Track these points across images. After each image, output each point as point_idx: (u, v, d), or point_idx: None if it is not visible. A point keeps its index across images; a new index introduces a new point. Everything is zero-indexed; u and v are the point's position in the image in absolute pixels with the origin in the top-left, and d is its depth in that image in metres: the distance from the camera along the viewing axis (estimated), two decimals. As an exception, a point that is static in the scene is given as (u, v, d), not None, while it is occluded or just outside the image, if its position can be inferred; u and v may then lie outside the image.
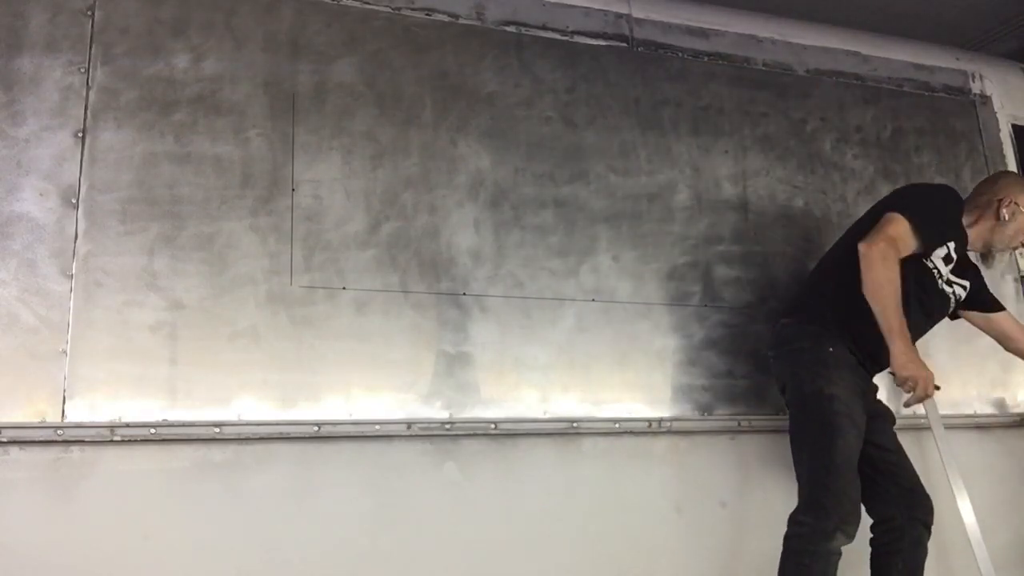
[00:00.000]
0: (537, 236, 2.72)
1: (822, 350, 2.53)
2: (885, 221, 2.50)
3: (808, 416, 2.49)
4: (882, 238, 2.45)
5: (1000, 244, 2.72)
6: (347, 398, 2.38)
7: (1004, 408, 3.25)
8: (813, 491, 2.40)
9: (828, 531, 2.33)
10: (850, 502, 2.37)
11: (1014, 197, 2.66)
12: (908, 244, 2.50)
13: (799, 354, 2.57)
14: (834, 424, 2.42)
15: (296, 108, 2.51)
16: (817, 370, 2.50)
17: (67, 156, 2.26)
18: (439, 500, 2.44)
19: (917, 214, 2.51)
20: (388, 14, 2.70)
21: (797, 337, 2.60)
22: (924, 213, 2.54)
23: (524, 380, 2.58)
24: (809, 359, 2.54)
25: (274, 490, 2.29)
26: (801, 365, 2.55)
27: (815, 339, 2.56)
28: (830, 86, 3.33)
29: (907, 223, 2.49)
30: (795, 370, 2.57)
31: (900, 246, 2.47)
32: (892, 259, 2.43)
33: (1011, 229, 2.68)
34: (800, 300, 2.73)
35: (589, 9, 3.00)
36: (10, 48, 2.27)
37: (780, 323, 2.70)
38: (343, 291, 2.44)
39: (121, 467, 2.17)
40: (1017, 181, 2.78)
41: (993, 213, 2.66)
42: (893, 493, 2.55)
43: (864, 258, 2.44)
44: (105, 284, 2.22)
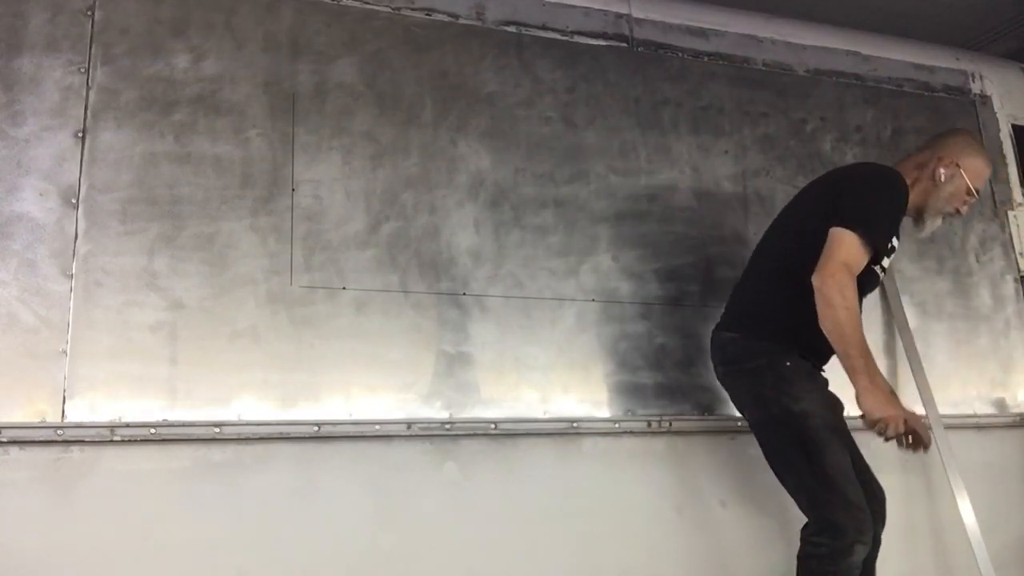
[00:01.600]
0: (537, 236, 2.72)
1: (780, 366, 2.36)
2: (835, 243, 2.27)
3: (783, 439, 2.36)
4: (836, 268, 2.24)
5: (933, 208, 2.51)
6: (347, 398, 2.38)
7: (1004, 408, 3.25)
8: (820, 512, 2.26)
9: (847, 548, 2.20)
10: (859, 511, 2.24)
11: (955, 158, 2.47)
12: (861, 261, 2.30)
13: (757, 374, 2.39)
14: (816, 441, 2.28)
15: (296, 108, 2.51)
16: (781, 388, 2.33)
17: (67, 156, 2.26)
18: (439, 500, 2.44)
19: (865, 226, 2.29)
20: (388, 14, 2.70)
21: (750, 355, 2.42)
22: (873, 221, 2.32)
23: (524, 380, 2.58)
24: (770, 378, 2.36)
25: (274, 490, 2.29)
26: (762, 385, 2.38)
27: (769, 355, 2.38)
28: (830, 86, 3.33)
29: (857, 240, 2.27)
30: (756, 391, 2.41)
31: (855, 268, 2.28)
32: (850, 288, 2.24)
33: (946, 192, 2.47)
34: (745, 312, 2.52)
35: (589, 9, 3.00)
36: (10, 48, 2.27)
37: (725, 336, 2.52)
38: (343, 291, 2.44)
39: (121, 467, 2.17)
40: (963, 140, 2.56)
41: (930, 174, 2.48)
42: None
43: (820, 294, 2.24)
44: (105, 284, 2.22)
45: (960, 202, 2.52)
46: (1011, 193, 3.52)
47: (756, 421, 2.47)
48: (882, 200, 2.37)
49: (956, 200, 2.51)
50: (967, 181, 2.49)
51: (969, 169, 2.50)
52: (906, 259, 3.24)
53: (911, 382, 3.05)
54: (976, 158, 2.53)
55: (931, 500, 3.02)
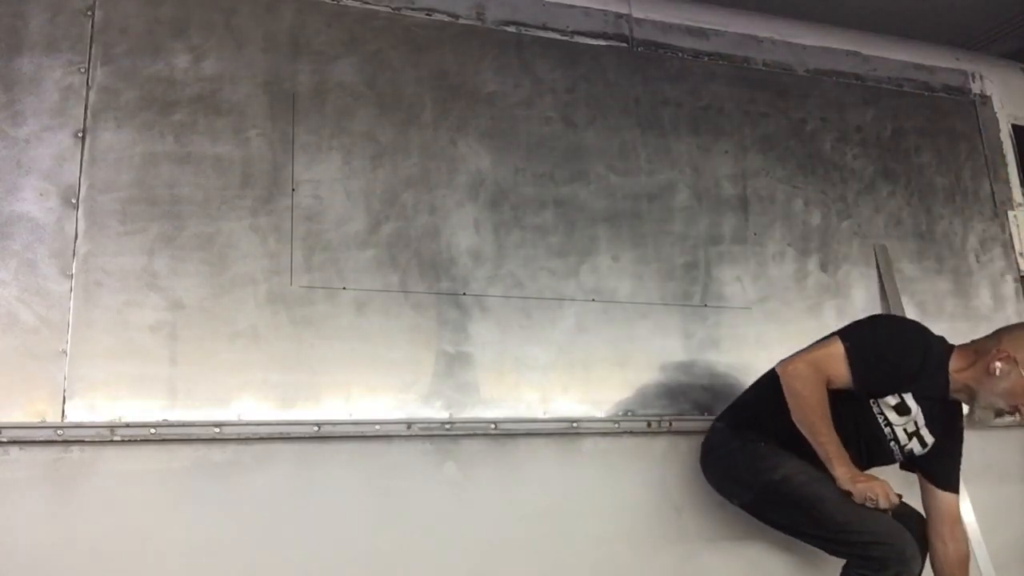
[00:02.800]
0: (537, 236, 2.72)
1: (753, 445, 2.40)
2: (818, 343, 2.36)
3: (779, 510, 2.39)
4: (800, 360, 2.31)
5: (984, 400, 2.32)
6: (347, 398, 2.38)
7: (1004, 408, 3.25)
8: (852, 550, 2.23)
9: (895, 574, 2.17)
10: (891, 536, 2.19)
11: (1015, 353, 2.26)
12: (836, 372, 2.28)
13: (730, 457, 2.45)
14: (809, 497, 2.27)
15: (296, 108, 2.51)
16: (755, 465, 2.37)
17: (67, 156, 2.26)
18: (439, 500, 2.44)
19: (858, 347, 2.29)
20: (388, 14, 2.70)
21: (726, 440, 2.48)
22: (867, 349, 2.31)
23: (524, 380, 2.58)
24: (742, 459, 2.41)
25: (274, 490, 2.28)
26: (736, 468, 2.44)
27: (744, 439, 2.43)
28: (830, 86, 3.33)
29: (841, 350, 2.28)
30: (733, 475, 2.46)
31: (823, 367, 2.28)
32: (810, 379, 2.26)
33: (1000, 387, 2.27)
34: (736, 403, 2.58)
35: (589, 9, 3.00)
36: (10, 48, 2.27)
37: (714, 426, 2.57)
38: (343, 291, 2.44)
39: (121, 467, 2.17)
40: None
41: (985, 364, 2.28)
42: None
43: (781, 379, 2.31)
44: (105, 284, 2.22)
45: (1019, 400, 2.29)
46: (1011, 193, 3.51)
47: (746, 504, 2.49)
48: (889, 339, 2.37)
49: (1013, 398, 2.29)
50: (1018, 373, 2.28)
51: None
52: (906, 259, 3.24)
53: (911, 382, 3.05)
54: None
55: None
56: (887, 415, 2.36)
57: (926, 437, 2.39)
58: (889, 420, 2.36)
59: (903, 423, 2.36)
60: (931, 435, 2.39)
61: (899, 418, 2.36)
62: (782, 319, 2.97)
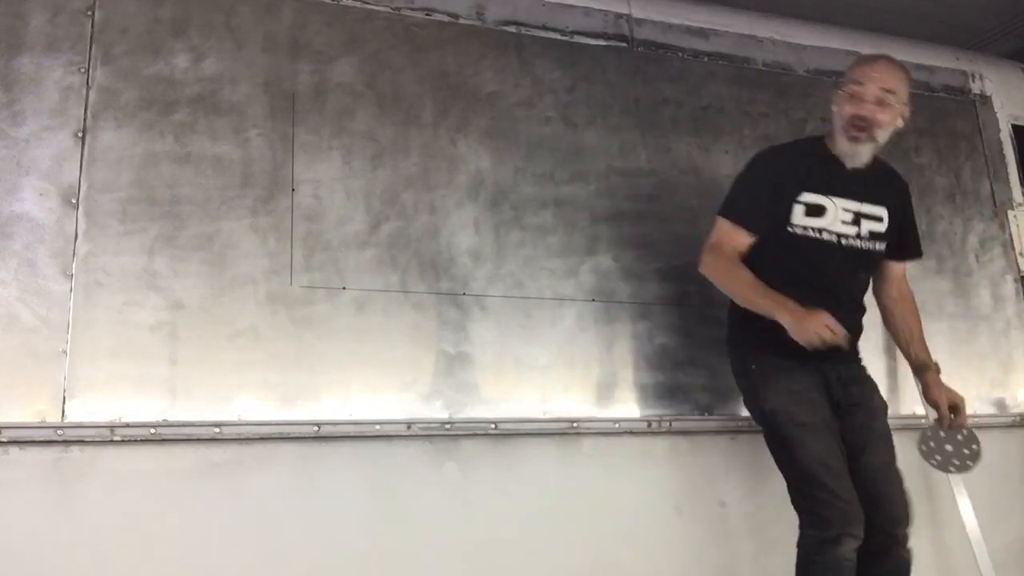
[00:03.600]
0: (537, 236, 2.72)
1: (748, 370, 2.50)
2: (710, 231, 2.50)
3: (768, 439, 2.46)
4: (703, 253, 2.47)
5: (841, 133, 2.42)
6: (347, 398, 2.38)
7: (1004, 408, 3.25)
8: (803, 504, 2.34)
9: (833, 539, 2.25)
10: (843, 502, 2.28)
11: (842, 83, 2.44)
12: (731, 239, 2.42)
13: (738, 380, 2.58)
14: (788, 437, 2.35)
15: (296, 108, 2.51)
16: (754, 392, 2.48)
17: (67, 156, 2.26)
18: (439, 500, 2.44)
19: (729, 205, 2.47)
20: (388, 14, 2.70)
21: (731, 362, 2.60)
22: (736, 199, 2.48)
23: (524, 380, 2.58)
24: (744, 385, 2.54)
25: (274, 490, 2.29)
26: (743, 391, 2.56)
27: (741, 360, 2.54)
28: (830, 86, 3.32)
29: (720, 220, 2.46)
30: (746, 401, 2.58)
31: (721, 244, 2.43)
32: (716, 262, 2.43)
33: (838, 116, 2.41)
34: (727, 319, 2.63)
35: (589, 9, 3.00)
36: (10, 48, 2.27)
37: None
38: (343, 291, 2.44)
39: (121, 467, 2.17)
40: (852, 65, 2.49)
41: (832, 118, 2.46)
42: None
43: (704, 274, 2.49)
44: (105, 284, 2.22)
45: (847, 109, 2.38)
46: (1011, 193, 3.51)
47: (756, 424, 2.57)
48: (745, 174, 2.53)
49: (844, 116, 2.39)
50: (841, 87, 2.43)
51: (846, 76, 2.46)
52: (906, 259, 3.24)
53: (911, 382, 3.05)
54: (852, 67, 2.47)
55: (931, 500, 3.01)
56: (812, 224, 2.42)
57: (875, 211, 2.45)
58: (819, 227, 2.42)
59: (833, 217, 2.42)
60: (879, 206, 2.48)
61: (823, 218, 2.42)
62: (782, 319, 2.97)
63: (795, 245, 2.42)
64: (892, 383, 3.08)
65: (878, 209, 2.49)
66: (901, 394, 3.08)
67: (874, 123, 2.35)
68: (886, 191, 2.52)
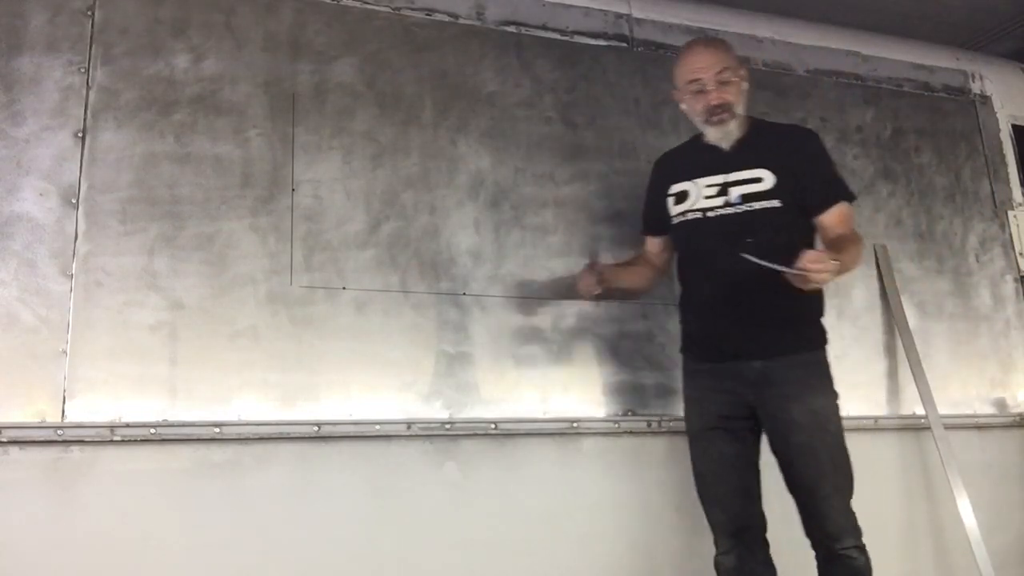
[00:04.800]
0: (537, 236, 2.72)
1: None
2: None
3: None
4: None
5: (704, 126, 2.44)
6: (347, 398, 2.38)
7: (1004, 408, 3.25)
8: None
9: (716, 544, 2.38)
10: (714, 516, 2.37)
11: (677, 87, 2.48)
12: (646, 244, 2.64)
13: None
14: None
15: (296, 108, 2.51)
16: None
17: (67, 156, 2.26)
18: (439, 500, 2.44)
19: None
20: (388, 14, 2.70)
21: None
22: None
23: (524, 380, 2.58)
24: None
25: (274, 490, 2.29)
26: None
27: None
28: (830, 86, 3.33)
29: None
30: None
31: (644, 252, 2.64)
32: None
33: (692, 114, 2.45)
34: None
35: (589, 9, 3.00)
36: (10, 48, 2.27)
37: None
38: (343, 291, 2.44)
39: (121, 467, 2.17)
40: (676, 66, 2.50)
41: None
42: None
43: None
44: (105, 284, 2.22)
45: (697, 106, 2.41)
46: (1011, 193, 3.52)
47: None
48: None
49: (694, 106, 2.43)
50: (680, 90, 2.46)
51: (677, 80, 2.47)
52: (906, 259, 3.24)
53: (911, 382, 3.05)
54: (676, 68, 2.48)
55: (931, 500, 3.01)
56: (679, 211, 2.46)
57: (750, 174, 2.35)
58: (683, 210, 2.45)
59: (696, 197, 2.42)
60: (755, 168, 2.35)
61: (687, 201, 2.44)
62: (782, 319, 2.97)
63: (678, 235, 2.50)
64: (892, 383, 3.08)
65: (753, 172, 2.36)
66: (901, 394, 3.08)
67: (727, 104, 2.38)
68: (765, 153, 2.38)
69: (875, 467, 2.99)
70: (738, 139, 2.42)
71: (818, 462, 2.27)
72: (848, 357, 3.03)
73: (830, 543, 2.27)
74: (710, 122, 2.40)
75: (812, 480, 2.27)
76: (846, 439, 2.33)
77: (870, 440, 2.98)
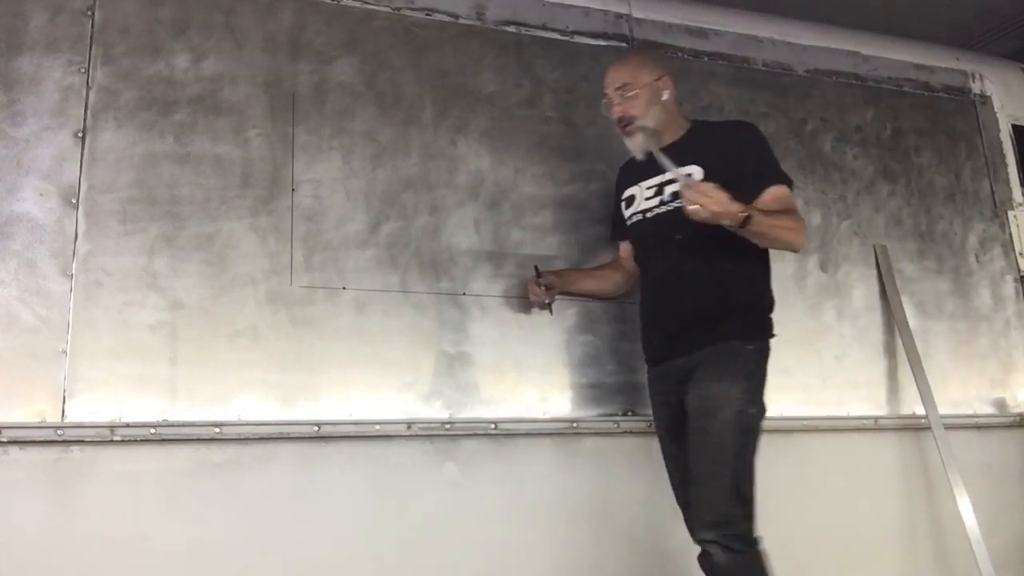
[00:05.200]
0: (537, 236, 2.71)
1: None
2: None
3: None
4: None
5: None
6: (347, 398, 2.38)
7: (1004, 408, 3.25)
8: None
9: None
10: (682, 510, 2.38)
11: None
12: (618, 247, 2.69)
13: None
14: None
15: (296, 108, 2.51)
16: None
17: (67, 156, 2.26)
18: (439, 500, 2.44)
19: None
20: (388, 14, 2.70)
21: None
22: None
23: (524, 380, 2.58)
24: None
25: (274, 490, 2.29)
26: None
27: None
28: (830, 86, 3.33)
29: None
30: None
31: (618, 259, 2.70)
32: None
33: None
34: None
35: (589, 9, 3.00)
36: (10, 48, 2.27)
37: None
38: (343, 291, 2.44)
39: (121, 467, 2.17)
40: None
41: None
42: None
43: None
44: (105, 284, 2.22)
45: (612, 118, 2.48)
46: (1011, 193, 3.52)
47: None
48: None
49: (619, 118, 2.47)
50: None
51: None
52: (906, 259, 3.24)
53: (911, 382, 3.05)
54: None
55: (931, 500, 3.01)
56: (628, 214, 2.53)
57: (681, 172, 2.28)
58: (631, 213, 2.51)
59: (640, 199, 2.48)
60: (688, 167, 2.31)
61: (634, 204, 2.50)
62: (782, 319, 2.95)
63: (633, 239, 2.57)
64: (892, 383, 3.08)
65: (685, 169, 2.31)
66: (901, 394, 3.08)
67: (627, 117, 2.43)
68: (698, 151, 2.37)
69: (875, 467, 3.00)
70: (675, 142, 2.43)
71: (699, 448, 2.20)
72: (848, 357, 3.04)
73: (694, 532, 2.21)
74: (623, 133, 2.47)
75: (694, 465, 2.20)
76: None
77: (870, 440, 2.98)
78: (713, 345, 2.27)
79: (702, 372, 2.26)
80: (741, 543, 2.12)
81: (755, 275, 2.38)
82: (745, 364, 2.25)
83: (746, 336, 2.29)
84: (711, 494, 2.17)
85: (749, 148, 2.39)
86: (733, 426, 2.17)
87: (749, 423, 2.20)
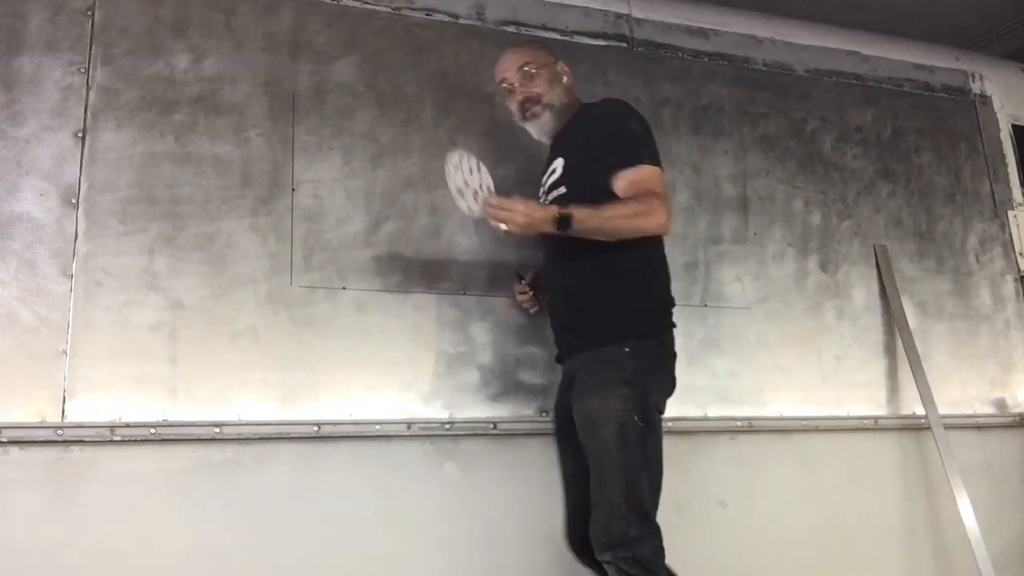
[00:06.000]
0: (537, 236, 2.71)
1: None
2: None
3: None
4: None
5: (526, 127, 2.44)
6: (347, 398, 2.38)
7: (1004, 408, 3.25)
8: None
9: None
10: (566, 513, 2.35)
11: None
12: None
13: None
14: None
15: (296, 108, 2.51)
16: None
17: (67, 156, 2.26)
18: (439, 500, 2.44)
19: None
20: (388, 14, 2.70)
21: None
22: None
23: (524, 380, 2.58)
24: None
25: (274, 490, 2.29)
26: None
27: None
28: (830, 86, 3.33)
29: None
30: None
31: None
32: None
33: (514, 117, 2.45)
34: None
35: (589, 9, 2.99)
36: (10, 48, 2.27)
37: None
38: (343, 291, 2.44)
39: (121, 467, 2.17)
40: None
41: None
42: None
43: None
44: (105, 284, 2.22)
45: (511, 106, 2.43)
46: (1011, 193, 3.52)
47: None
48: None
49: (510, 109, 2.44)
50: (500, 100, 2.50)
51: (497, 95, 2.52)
52: (906, 259, 3.24)
53: (911, 382, 3.05)
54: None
55: (931, 500, 3.01)
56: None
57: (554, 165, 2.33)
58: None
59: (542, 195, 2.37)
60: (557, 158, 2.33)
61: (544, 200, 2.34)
62: (782, 319, 2.98)
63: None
64: (892, 383, 3.08)
65: (557, 162, 2.33)
66: (901, 394, 3.08)
67: (533, 96, 2.35)
68: (565, 143, 2.34)
69: (875, 467, 3.00)
70: (558, 131, 2.39)
71: (591, 465, 2.09)
72: (848, 357, 3.04)
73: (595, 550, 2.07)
74: (525, 119, 2.39)
75: (592, 482, 2.08)
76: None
77: (870, 440, 2.98)
78: (588, 351, 2.18)
79: (579, 383, 2.16)
80: (638, 567, 1.98)
81: (631, 270, 2.19)
82: (620, 370, 2.09)
83: (621, 338, 2.13)
84: (601, 515, 2.04)
85: (604, 132, 2.23)
86: (616, 440, 2.03)
87: (637, 434, 2.03)
